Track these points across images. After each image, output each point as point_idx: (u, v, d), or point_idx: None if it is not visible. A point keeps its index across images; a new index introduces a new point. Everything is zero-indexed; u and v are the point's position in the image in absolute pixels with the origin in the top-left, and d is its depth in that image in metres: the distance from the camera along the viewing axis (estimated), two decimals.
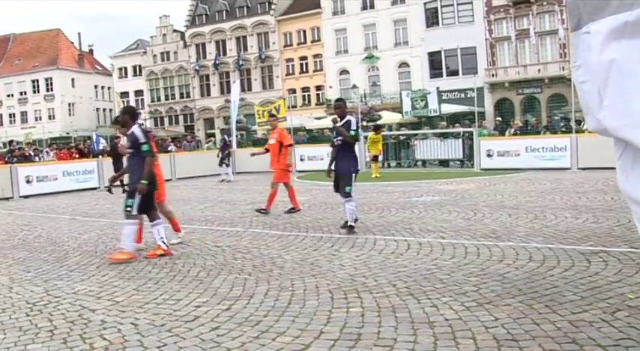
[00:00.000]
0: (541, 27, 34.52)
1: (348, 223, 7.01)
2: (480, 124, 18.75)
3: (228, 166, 18.25)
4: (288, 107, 27.53)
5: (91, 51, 61.28)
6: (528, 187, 11.35)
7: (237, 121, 25.77)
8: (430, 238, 6.40)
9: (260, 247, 6.39)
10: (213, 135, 41.62)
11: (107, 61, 56.44)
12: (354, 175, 7.07)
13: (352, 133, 6.96)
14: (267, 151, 9.60)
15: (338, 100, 7.43)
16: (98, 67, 59.17)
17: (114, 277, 5.27)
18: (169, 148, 21.38)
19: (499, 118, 22.49)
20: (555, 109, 30.49)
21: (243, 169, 21.31)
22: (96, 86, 57.27)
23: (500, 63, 36.06)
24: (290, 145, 9.57)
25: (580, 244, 5.63)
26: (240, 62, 45.77)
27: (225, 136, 19.16)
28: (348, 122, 7.07)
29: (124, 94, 49.87)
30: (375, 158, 16.21)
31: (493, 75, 35.87)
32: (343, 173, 7.02)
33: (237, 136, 25.17)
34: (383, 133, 17.11)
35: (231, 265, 5.54)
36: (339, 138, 7.10)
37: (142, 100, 51.54)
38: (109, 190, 6.88)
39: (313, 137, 23.39)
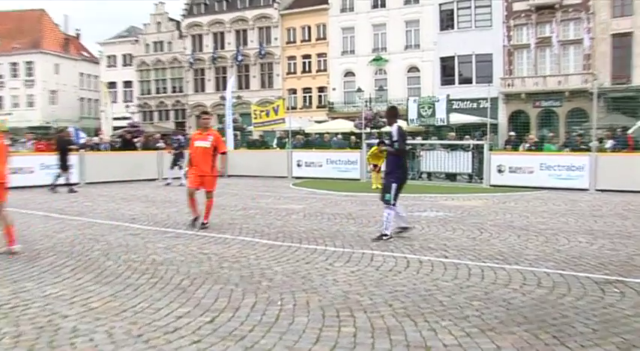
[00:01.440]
0: (564, 35, 34.59)
1: (381, 232, 7.40)
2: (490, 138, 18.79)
3: (181, 168, 18.13)
4: (288, 108, 27.61)
5: (77, 36, 61.37)
6: (541, 207, 11.37)
7: (232, 121, 25.79)
8: (432, 256, 6.41)
9: (249, 257, 6.39)
10: None
11: (95, 48, 56.70)
12: (394, 185, 7.40)
13: (396, 145, 7.41)
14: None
15: (391, 107, 7.88)
16: (85, 54, 59.26)
17: (89, 281, 5.27)
18: (158, 145, 21.35)
19: (512, 133, 22.53)
20: (575, 124, 30.54)
21: (236, 172, 21.31)
22: (81, 74, 57.36)
23: (518, 72, 36.19)
24: (225, 153, 9.02)
25: (594, 272, 5.64)
26: (239, 57, 45.90)
27: (180, 137, 18.99)
28: (392, 131, 7.50)
29: (112, 85, 50.01)
30: (376, 167, 16.21)
31: (509, 85, 35.98)
32: (384, 182, 7.59)
33: (234, 135, 25.13)
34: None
35: (217, 275, 5.54)
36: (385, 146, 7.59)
37: (131, 91, 51.61)
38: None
39: (308, 142, 23.36)
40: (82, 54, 58.88)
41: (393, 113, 7.68)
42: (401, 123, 7.66)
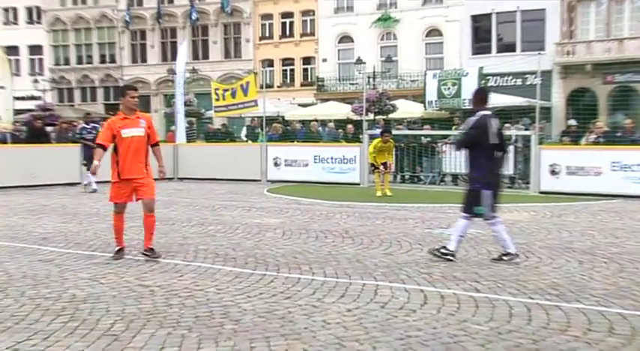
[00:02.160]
0: None
1: (505, 252, 7.79)
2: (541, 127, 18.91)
3: (88, 168, 17.93)
4: (261, 87, 27.59)
5: None
6: (613, 222, 11.40)
7: (185, 103, 25.71)
8: (458, 289, 6.41)
9: (208, 290, 6.36)
10: None
11: None
12: (484, 192, 7.69)
13: (462, 136, 7.97)
14: (104, 149, 8.21)
15: (480, 90, 8.39)
16: None
17: None
18: (81, 135, 21.19)
19: (573, 120, 22.64)
20: None
21: (189, 174, 21.25)
22: None
23: (582, 35, 36.15)
24: (158, 144, 8.55)
25: None
26: (194, 15, 45.89)
27: (85, 125, 18.75)
28: (469, 119, 7.90)
29: (12, 50, 49.35)
30: (384, 167, 16.13)
31: (569, 53, 36.00)
32: (467, 188, 8.07)
33: (187, 124, 25.06)
34: (392, 139, 16.91)
35: (162, 315, 5.51)
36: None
37: (40, 60, 51.23)
38: None
39: (289, 132, 23.32)
40: None
41: (481, 98, 8.08)
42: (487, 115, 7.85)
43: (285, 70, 44.91)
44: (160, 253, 8.13)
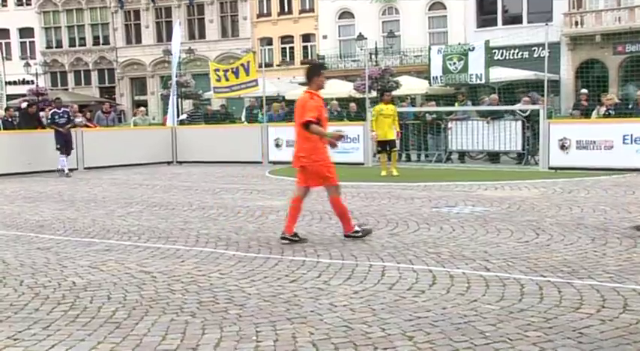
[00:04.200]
0: None
1: None
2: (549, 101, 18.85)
3: (62, 153, 17.99)
4: (260, 66, 27.54)
5: None
6: (625, 196, 11.39)
7: (181, 85, 25.70)
8: (467, 268, 6.42)
9: (211, 275, 6.38)
10: (144, 104, 41.55)
11: None
12: None
13: None
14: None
15: None
16: None
17: None
18: (75, 121, 21.18)
19: (584, 90, 22.58)
20: None
21: (188, 157, 21.26)
22: None
23: (591, 4, 35.96)
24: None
25: None
26: None
27: (57, 110, 18.46)
28: None
29: (2, 33, 49.43)
30: (385, 145, 16.01)
31: (577, 23, 35.86)
32: None
33: (185, 108, 25.08)
34: (396, 106, 16.90)
35: (165, 301, 5.52)
36: None
37: (32, 43, 51.12)
38: None
39: (291, 113, 23.31)
40: None
41: None
42: None
43: (285, 48, 44.75)
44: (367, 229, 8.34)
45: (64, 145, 18.01)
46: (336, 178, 8.11)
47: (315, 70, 8.38)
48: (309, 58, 43.21)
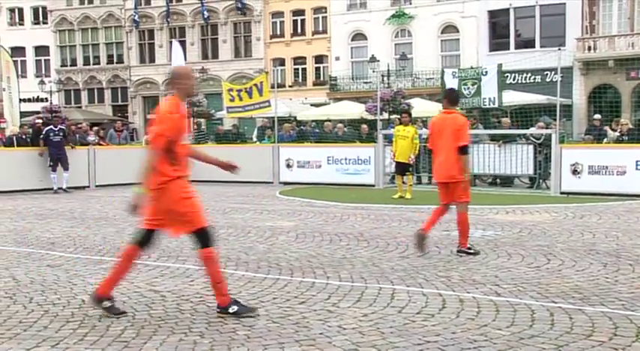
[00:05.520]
0: None
1: None
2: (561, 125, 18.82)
3: (53, 170, 18.09)
4: (272, 86, 27.62)
5: None
6: (638, 223, 11.32)
7: (194, 104, 25.82)
8: (477, 293, 6.40)
9: None
10: None
11: None
12: None
13: None
14: None
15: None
16: None
17: None
18: (88, 139, 21.31)
19: (597, 116, 22.55)
20: None
21: (199, 176, 21.23)
22: None
23: (604, 30, 36.03)
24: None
25: None
26: (205, 14, 46.02)
27: (52, 127, 18.62)
28: None
29: (17, 51, 49.73)
30: (403, 168, 15.91)
31: (590, 48, 35.91)
32: None
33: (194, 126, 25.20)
34: (416, 129, 16.84)
35: (174, 321, 5.53)
36: None
37: (47, 61, 51.61)
38: None
39: (302, 133, 23.44)
40: None
41: None
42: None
43: (297, 69, 44.97)
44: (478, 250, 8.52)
45: (56, 161, 18.10)
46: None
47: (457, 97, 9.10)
48: (322, 79, 43.40)
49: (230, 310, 5.59)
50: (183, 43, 44.58)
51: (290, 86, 43.83)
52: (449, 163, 8.44)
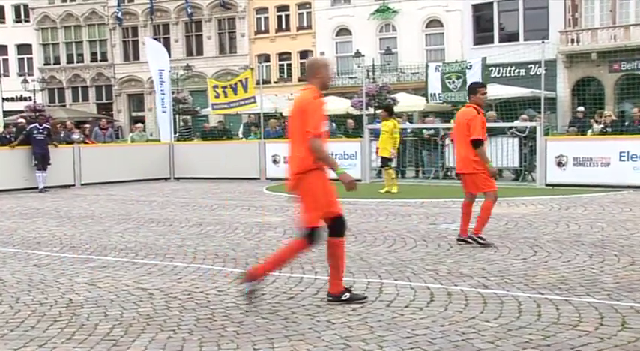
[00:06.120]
0: None
1: None
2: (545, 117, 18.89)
3: (39, 168, 18.03)
4: (257, 82, 27.56)
5: None
6: (622, 214, 11.41)
7: (179, 101, 25.69)
8: (465, 285, 6.42)
9: (208, 292, 6.38)
10: (142, 120, 41.59)
11: None
12: None
13: None
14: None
15: None
16: None
17: None
18: (73, 137, 21.20)
19: (580, 108, 22.66)
20: None
21: (183, 173, 21.25)
22: None
23: (586, 22, 36.20)
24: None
25: None
26: (188, 10, 45.82)
27: (37, 125, 18.54)
28: None
29: (0, 49, 49.47)
30: (385, 162, 16.09)
31: (573, 41, 36.06)
32: None
33: (180, 123, 25.07)
34: (399, 124, 16.92)
35: (162, 318, 5.52)
36: None
37: (30, 59, 51.22)
38: None
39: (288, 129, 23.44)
40: None
41: None
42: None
43: (282, 65, 44.89)
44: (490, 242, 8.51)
45: (42, 160, 18.00)
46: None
47: (472, 89, 9.04)
48: (305, 74, 43.27)
49: (343, 297, 5.80)
50: (167, 40, 44.56)
51: (275, 82, 43.76)
52: (461, 155, 8.77)
